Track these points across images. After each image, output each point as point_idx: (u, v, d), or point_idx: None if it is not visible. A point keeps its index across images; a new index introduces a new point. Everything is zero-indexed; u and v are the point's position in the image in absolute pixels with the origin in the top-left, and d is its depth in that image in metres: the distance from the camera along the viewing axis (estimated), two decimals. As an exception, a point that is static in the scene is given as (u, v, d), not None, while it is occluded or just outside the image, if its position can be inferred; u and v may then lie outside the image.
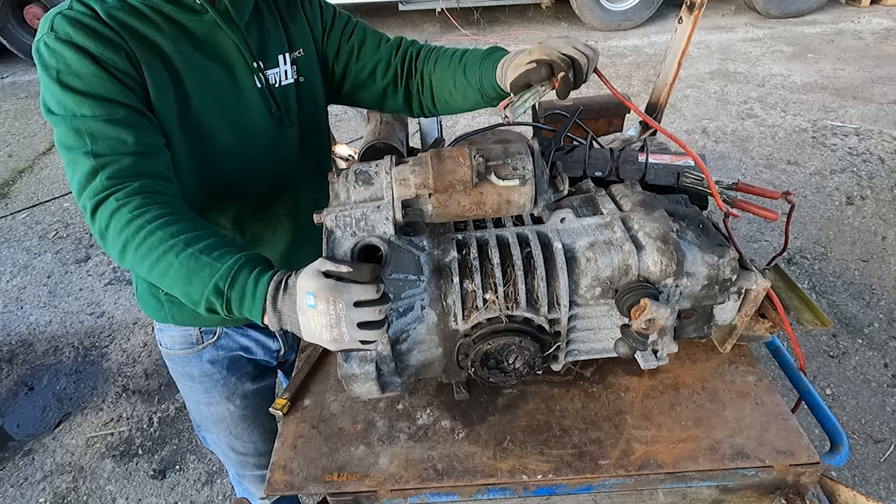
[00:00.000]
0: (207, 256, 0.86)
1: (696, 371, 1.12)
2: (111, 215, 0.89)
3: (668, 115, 4.42)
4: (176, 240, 0.86)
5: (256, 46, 1.11)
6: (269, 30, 1.14)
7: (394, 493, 0.96)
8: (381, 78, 1.28)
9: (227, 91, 1.09)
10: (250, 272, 0.85)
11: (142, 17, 1.00)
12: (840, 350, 2.65)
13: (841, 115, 4.51)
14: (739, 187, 1.19)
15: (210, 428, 1.45)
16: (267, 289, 0.83)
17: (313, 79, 1.23)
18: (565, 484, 0.97)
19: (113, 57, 0.94)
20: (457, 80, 1.20)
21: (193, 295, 0.87)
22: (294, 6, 1.21)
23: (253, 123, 1.13)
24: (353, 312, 0.79)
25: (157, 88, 1.00)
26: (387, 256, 0.89)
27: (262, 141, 1.15)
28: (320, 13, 1.25)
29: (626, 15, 6.39)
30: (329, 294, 0.79)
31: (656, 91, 1.88)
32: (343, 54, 1.27)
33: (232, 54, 1.09)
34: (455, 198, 0.94)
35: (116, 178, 0.91)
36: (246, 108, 1.12)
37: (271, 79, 1.14)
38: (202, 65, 1.06)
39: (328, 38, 1.26)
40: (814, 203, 3.58)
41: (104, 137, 0.92)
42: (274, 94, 1.14)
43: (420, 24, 7.00)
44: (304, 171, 1.27)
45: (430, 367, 1.00)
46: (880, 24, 6.17)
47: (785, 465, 0.95)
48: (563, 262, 0.91)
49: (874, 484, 2.15)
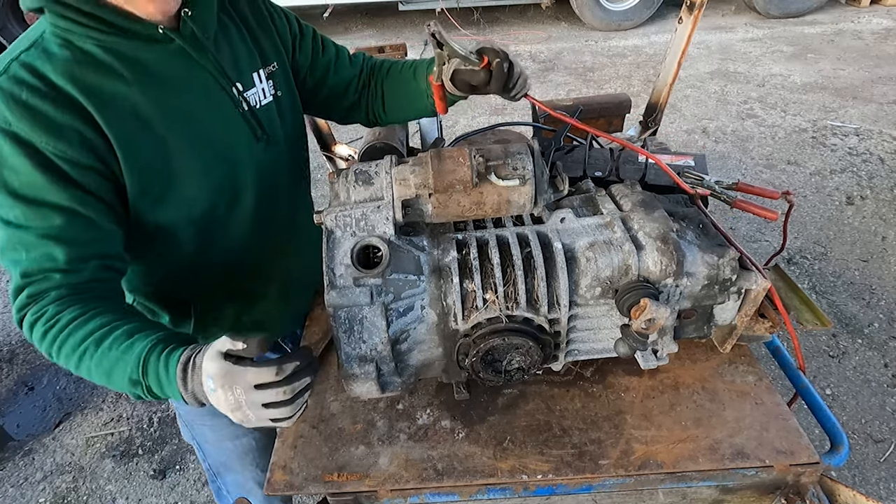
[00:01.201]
0: (118, 350, 0.85)
1: (696, 371, 1.12)
2: (30, 329, 0.88)
3: (668, 115, 4.41)
4: (88, 341, 0.85)
5: (230, 67, 1.03)
6: (238, 47, 1.06)
7: (394, 493, 0.96)
8: (352, 93, 1.29)
9: (210, 125, 1.01)
10: (159, 356, 0.84)
11: (100, 68, 0.89)
12: (840, 350, 2.65)
13: (841, 115, 4.51)
14: (739, 187, 1.19)
15: (234, 466, 1.41)
16: (176, 372, 0.82)
17: (290, 92, 1.19)
18: (565, 484, 0.97)
19: (61, 145, 0.84)
20: (409, 86, 1.23)
21: (120, 388, 0.87)
22: (262, 17, 1.13)
23: (240, 154, 1.06)
24: (253, 395, 0.77)
25: (129, 152, 0.90)
26: (386, 256, 0.89)
27: (251, 167, 1.09)
28: (287, 23, 1.19)
29: (626, 15, 6.39)
30: (224, 380, 0.77)
31: (656, 91, 1.88)
32: (319, 67, 1.24)
33: (207, 83, 1.00)
34: (455, 198, 0.94)
35: (37, 293, 0.88)
36: (231, 139, 1.04)
37: (251, 100, 1.07)
38: (177, 105, 0.96)
39: (300, 49, 1.21)
40: (814, 203, 3.57)
41: (34, 252, 0.87)
42: (257, 117, 1.08)
43: (420, 24, 6.98)
44: (292, 184, 1.24)
45: (430, 367, 1.00)
46: (880, 24, 6.17)
47: (785, 465, 0.95)
48: (563, 262, 0.91)
49: (874, 484, 2.15)
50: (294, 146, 1.22)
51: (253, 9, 1.12)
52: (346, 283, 0.88)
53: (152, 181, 0.95)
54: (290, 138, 1.19)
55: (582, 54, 5.92)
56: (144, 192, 0.94)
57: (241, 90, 1.04)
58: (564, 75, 5.47)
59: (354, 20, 7.24)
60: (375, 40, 6.57)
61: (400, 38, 6.58)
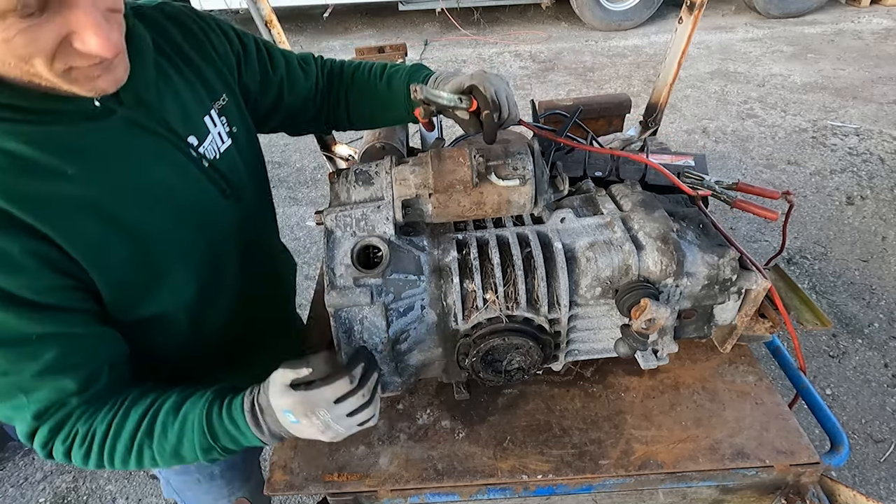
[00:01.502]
0: (174, 431, 0.82)
1: (696, 371, 1.12)
2: (65, 455, 0.83)
3: (668, 115, 4.41)
4: (139, 437, 0.82)
5: (180, 121, 0.88)
6: (182, 91, 0.90)
7: (394, 493, 0.96)
8: (311, 106, 1.18)
9: (179, 197, 0.88)
10: (220, 415, 0.82)
11: (35, 170, 0.71)
12: (840, 350, 2.65)
13: (841, 115, 4.51)
14: (739, 187, 1.19)
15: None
16: (246, 420, 0.81)
17: (244, 121, 1.05)
18: (565, 484, 0.97)
19: (22, 279, 0.71)
20: (379, 95, 1.16)
21: (192, 461, 0.85)
22: (198, 42, 0.96)
23: (215, 219, 0.95)
24: (338, 409, 0.77)
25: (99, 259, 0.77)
26: (386, 256, 0.89)
27: (228, 230, 0.98)
28: (227, 42, 1.02)
29: (626, 15, 6.39)
30: (304, 408, 0.76)
31: (656, 91, 1.88)
32: (271, 87, 1.10)
33: (161, 149, 0.85)
34: (455, 198, 0.94)
35: (57, 424, 0.81)
36: (203, 205, 0.92)
37: (210, 152, 0.93)
38: (135, 186, 0.81)
39: (246, 68, 1.05)
40: (814, 203, 3.57)
41: (40, 392, 0.77)
42: (220, 171, 0.94)
43: (420, 24, 6.99)
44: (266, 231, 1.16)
45: (431, 367, 1.00)
46: (880, 24, 6.17)
47: (785, 465, 0.95)
48: (563, 262, 0.91)
49: (874, 484, 2.15)
50: (260, 184, 1.11)
51: (185, 35, 0.94)
52: (346, 283, 0.88)
53: (131, 280, 0.83)
54: (256, 177, 1.08)
55: (582, 54, 5.92)
56: (124, 292, 0.83)
57: (196, 145, 0.91)
58: (564, 75, 5.46)
59: (354, 20, 7.24)
60: (375, 40, 6.57)
61: (400, 38, 6.58)
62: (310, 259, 3.41)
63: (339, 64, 1.22)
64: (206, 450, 0.84)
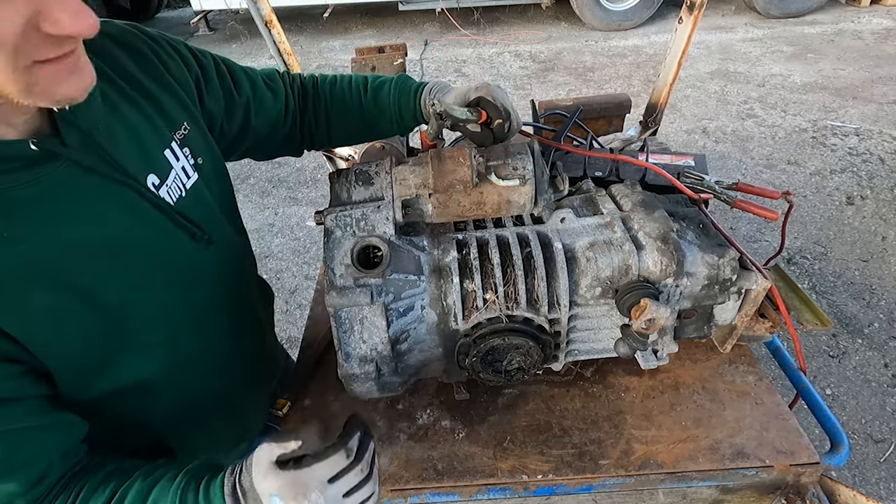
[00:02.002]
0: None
1: (696, 371, 1.12)
2: None
3: (668, 115, 4.41)
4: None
5: (135, 157, 0.76)
6: (136, 124, 0.78)
7: (394, 493, 0.96)
8: (281, 127, 1.09)
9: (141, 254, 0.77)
10: (196, 499, 0.71)
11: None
12: (840, 350, 2.65)
13: (841, 115, 4.51)
14: (739, 187, 1.19)
15: None
16: None
17: (210, 149, 0.94)
18: (565, 484, 0.97)
19: None
20: (365, 110, 1.10)
21: None
22: (152, 66, 0.84)
23: (187, 267, 0.84)
24: (332, 489, 0.67)
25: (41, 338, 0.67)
26: (387, 256, 0.89)
27: (203, 277, 0.89)
28: (184, 65, 0.91)
29: (626, 15, 6.39)
30: (294, 491, 0.66)
31: (656, 91, 1.88)
32: (236, 111, 1.00)
33: (118, 196, 0.73)
34: (455, 198, 0.94)
35: None
36: (172, 254, 0.82)
37: (175, 191, 0.82)
38: (92, 246, 0.70)
39: (207, 93, 0.95)
40: (814, 203, 3.57)
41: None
42: (186, 214, 0.83)
43: (420, 24, 7.00)
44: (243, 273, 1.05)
45: (430, 367, 1.00)
46: (880, 24, 6.17)
47: (785, 465, 0.95)
48: (563, 262, 0.91)
49: (874, 484, 2.15)
50: (231, 218, 1.01)
51: (137, 60, 0.82)
52: (346, 283, 0.88)
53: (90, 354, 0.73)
54: (226, 211, 0.98)
55: (582, 54, 5.92)
56: (82, 369, 0.73)
57: (157, 185, 0.79)
58: (564, 75, 5.47)
59: (354, 20, 7.24)
60: (375, 40, 6.57)
61: (400, 38, 6.58)
62: (310, 259, 3.41)
63: (312, 80, 1.13)
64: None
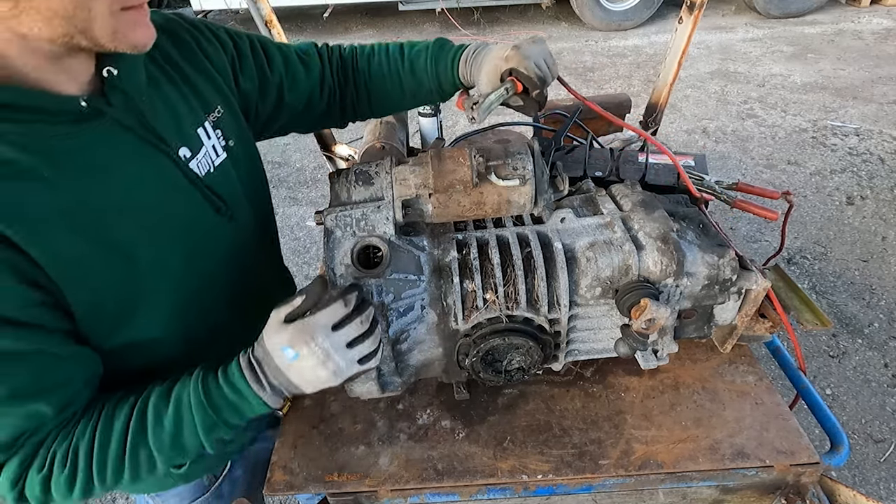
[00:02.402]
0: (169, 419, 0.76)
1: (697, 371, 1.12)
2: (43, 488, 0.73)
3: (668, 115, 4.41)
4: (131, 439, 0.75)
5: (173, 131, 0.83)
6: (174, 101, 0.85)
7: (394, 493, 0.96)
8: (317, 103, 1.11)
9: (164, 213, 0.81)
10: (217, 383, 0.76)
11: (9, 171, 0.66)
12: (840, 350, 2.65)
13: (841, 115, 4.51)
14: (739, 187, 1.19)
15: None
16: (245, 379, 0.76)
17: (242, 133, 0.99)
18: (565, 484, 0.97)
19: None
20: (404, 81, 1.09)
21: (195, 451, 0.79)
22: (191, 52, 0.91)
23: (203, 236, 0.88)
24: (336, 337, 0.74)
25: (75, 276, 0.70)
26: (387, 256, 0.89)
27: (220, 250, 0.92)
28: (221, 48, 0.96)
29: (626, 15, 6.39)
30: (302, 336, 0.72)
31: (656, 91, 1.88)
32: (270, 90, 1.04)
33: (152, 159, 0.80)
34: (455, 198, 0.94)
35: (30, 454, 0.73)
36: (191, 222, 0.86)
37: (204, 165, 0.88)
38: (122, 198, 0.75)
39: (242, 74, 1.00)
40: (814, 203, 3.57)
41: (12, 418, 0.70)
42: (213, 188, 0.89)
43: (420, 24, 7.00)
44: (261, 255, 1.07)
45: (431, 367, 1.00)
46: (880, 24, 6.17)
47: (785, 465, 0.95)
48: (564, 262, 0.91)
49: (874, 484, 2.15)
50: (258, 201, 1.05)
51: (178, 45, 0.90)
52: (346, 282, 0.88)
53: (109, 302, 0.76)
54: (253, 193, 1.02)
55: (582, 54, 5.92)
56: (99, 316, 0.76)
57: (188, 157, 0.85)
58: (564, 75, 5.45)
59: (354, 20, 7.24)
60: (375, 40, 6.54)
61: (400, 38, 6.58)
62: (310, 259, 3.41)
63: (351, 53, 1.13)
64: (209, 429, 0.77)
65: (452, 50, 1.07)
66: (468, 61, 1.03)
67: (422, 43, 1.11)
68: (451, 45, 1.09)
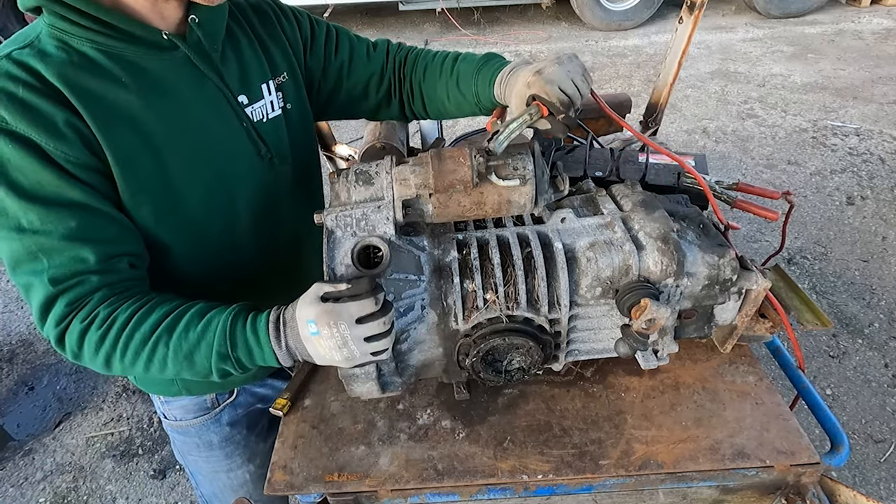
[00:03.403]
0: (195, 332, 0.85)
1: (697, 371, 1.12)
2: (80, 338, 0.84)
3: (668, 115, 4.41)
4: (159, 331, 0.84)
5: (237, 80, 0.99)
6: (247, 57, 1.01)
7: (394, 493, 0.96)
8: (374, 92, 1.20)
9: (213, 142, 0.96)
10: (245, 323, 0.85)
11: (98, 71, 0.84)
12: (840, 350, 2.65)
13: (841, 115, 4.51)
14: (740, 187, 1.19)
15: (227, 499, 1.37)
16: (268, 332, 0.83)
17: (301, 103, 1.12)
18: (566, 484, 0.97)
19: (62, 146, 0.80)
20: (450, 91, 1.15)
21: (202, 371, 0.87)
22: (271, 25, 1.07)
23: (242, 173, 1.01)
24: (357, 329, 0.79)
25: (125, 167, 0.85)
26: (387, 256, 0.89)
27: (253, 187, 1.04)
28: (298, 28, 1.12)
29: (626, 15, 6.39)
30: (328, 318, 0.79)
31: (656, 91, 1.88)
32: (331, 72, 1.17)
33: (210, 95, 0.95)
34: (455, 198, 0.94)
35: (77, 300, 0.84)
36: (234, 157, 0.99)
37: (258, 113, 1.02)
38: (177, 117, 0.91)
39: (311, 53, 1.14)
40: (814, 203, 3.57)
41: (60, 257, 0.82)
42: (261, 133, 1.02)
43: (420, 24, 6.99)
44: (297, 204, 1.16)
45: (431, 367, 1.00)
46: (880, 24, 6.17)
47: (785, 465, 0.95)
48: (564, 262, 0.91)
49: (874, 484, 2.15)
50: (302, 162, 1.15)
51: (259, 14, 1.07)
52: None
53: (147, 198, 0.90)
54: (299, 154, 1.13)
55: (582, 54, 5.93)
56: (138, 206, 0.90)
57: (245, 104, 1.00)
58: (564, 75, 5.46)
59: (354, 20, 7.24)
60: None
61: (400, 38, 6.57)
62: (310, 259, 3.41)
63: (414, 55, 1.20)
64: (221, 356, 0.85)
65: (494, 67, 1.07)
66: (503, 82, 1.03)
67: (474, 56, 1.14)
68: (497, 60, 1.10)
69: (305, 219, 1.19)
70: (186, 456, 1.33)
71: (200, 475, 1.37)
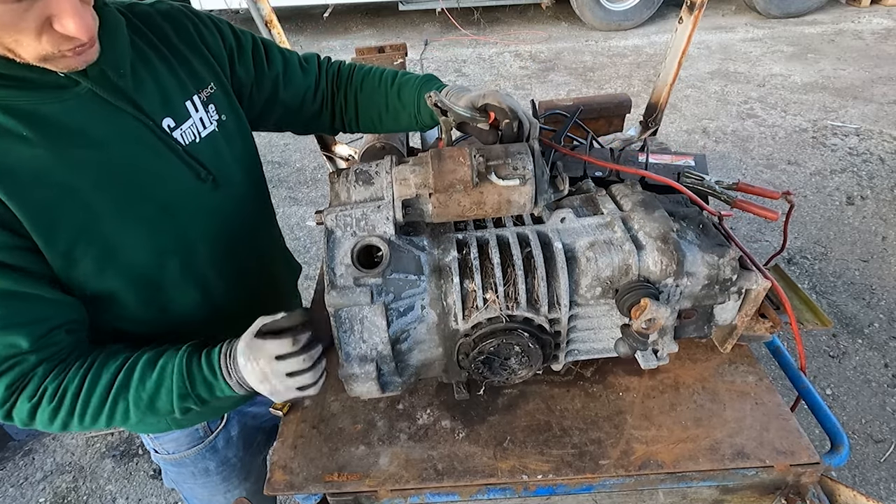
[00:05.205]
0: (151, 380, 0.87)
1: (697, 371, 1.12)
2: (30, 413, 0.84)
3: (668, 115, 4.42)
4: (115, 390, 0.86)
5: (157, 103, 0.90)
6: (164, 75, 0.92)
7: (394, 493, 0.96)
8: (310, 103, 1.19)
9: (143, 177, 0.88)
10: (199, 361, 0.88)
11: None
12: (840, 350, 2.65)
13: (841, 115, 4.51)
14: (740, 187, 1.19)
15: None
16: (219, 364, 0.88)
17: (236, 113, 1.06)
18: (565, 484, 0.97)
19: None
20: (389, 100, 1.17)
21: (165, 412, 0.90)
22: (187, 33, 0.99)
23: (184, 202, 0.94)
24: (276, 365, 0.83)
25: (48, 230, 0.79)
26: (387, 256, 0.89)
27: (201, 215, 0.97)
28: (220, 36, 1.04)
29: (626, 15, 6.39)
30: (250, 353, 0.84)
31: (656, 91, 1.88)
32: (266, 83, 1.12)
33: (128, 127, 0.86)
34: (455, 197, 0.94)
35: (17, 380, 0.82)
36: (171, 187, 0.92)
37: (188, 135, 0.94)
38: (96, 161, 0.82)
39: (239, 63, 1.07)
40: (814, 203, 3.57)
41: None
42: (194, 155, 0.94)
43: (420, 24, 7.00)
44: (255, 223, 1.13)
45: (431, 367, 1.00)
46: (880, 24, 6.17)
47: (785, 465, 0.95)
48: (564, 262, 0.91)
49: (874, 484, 2.15)
50: (249, 176, 1.09)
51: (172, 22, 0.98)
52: (346, 282, 0.88)
53: (84, 251, 0.83)
54: (245, 167, 1.08)
55: (582, 54, 5.93)
56: (73, 263, 0.84)
57: (172, 127, 0.92)
58: (564, 75, 5.47)
59: (354, 20, 7.24)
60: (375, 40, 6.57)
61: (400, 38, 6.58)
62: (310, 259, 3.41)
63: (349, 68, 1.22)
64: (182, 396, 0.88)
65: (438, 83, 1.15)
66: (449, 93, 1.08)
67: (416, 75, 1.19)
68: (438, 81, 1.17)
69: (268, 238, 1.23)
70: (181, 484, 1.32)
71: (196, 500, 1.36)
